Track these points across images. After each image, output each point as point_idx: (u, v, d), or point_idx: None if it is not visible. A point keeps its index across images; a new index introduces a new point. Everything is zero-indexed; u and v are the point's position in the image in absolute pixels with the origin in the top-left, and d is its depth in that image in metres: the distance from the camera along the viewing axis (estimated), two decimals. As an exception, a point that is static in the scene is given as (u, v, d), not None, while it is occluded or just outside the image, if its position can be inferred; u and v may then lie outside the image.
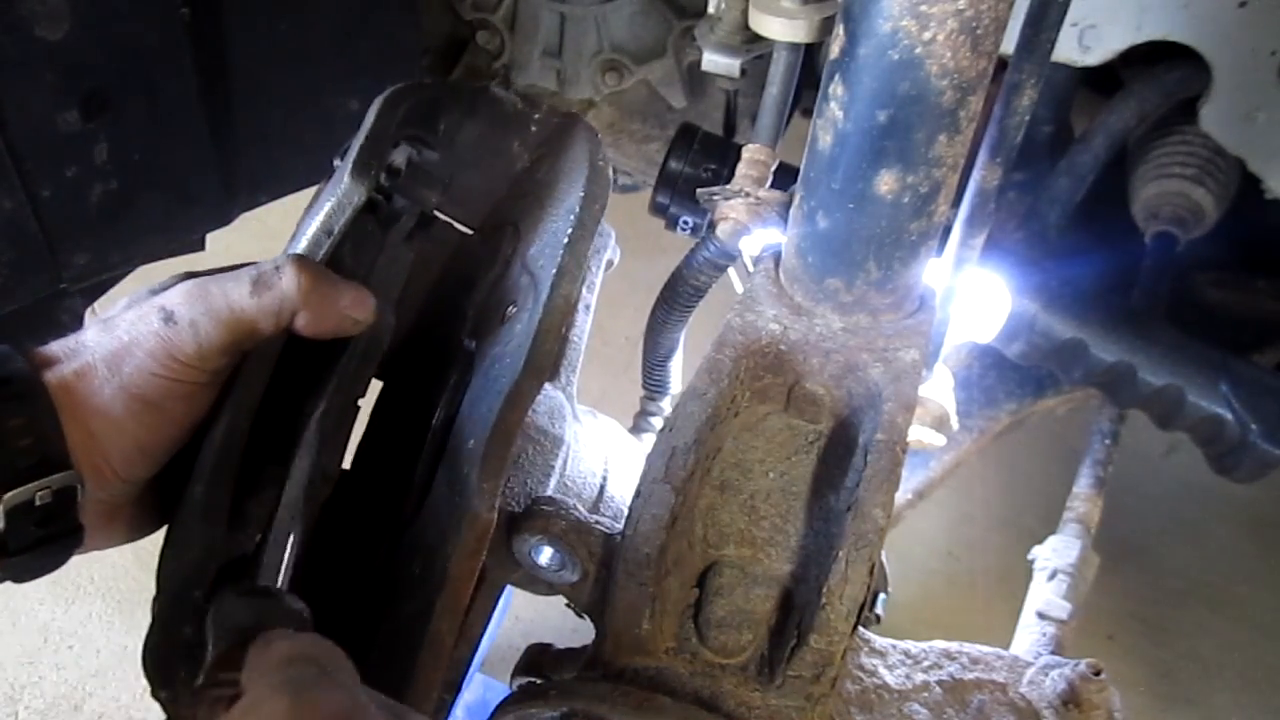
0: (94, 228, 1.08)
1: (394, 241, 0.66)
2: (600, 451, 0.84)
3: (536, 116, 0.71)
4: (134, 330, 0.60)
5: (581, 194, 0.71)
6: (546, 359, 0.68)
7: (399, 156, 0.69)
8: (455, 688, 0.71)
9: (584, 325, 0.83)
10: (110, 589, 1.97)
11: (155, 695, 0.57)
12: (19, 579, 0.58)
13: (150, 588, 0.62)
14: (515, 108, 0.69)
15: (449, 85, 0.69)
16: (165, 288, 0.64)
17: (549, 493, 0.76)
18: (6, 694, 1.81)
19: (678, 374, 1.15)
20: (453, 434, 0.69)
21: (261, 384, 0.62)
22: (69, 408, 0.57)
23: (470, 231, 0.70)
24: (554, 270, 0.69)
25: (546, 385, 0.77)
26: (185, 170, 1.15)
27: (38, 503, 0.56)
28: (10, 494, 0.55)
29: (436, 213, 0.71)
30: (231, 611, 0.57)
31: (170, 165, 1.13)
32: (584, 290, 0.82)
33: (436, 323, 0.73)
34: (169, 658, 0.57)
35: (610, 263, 0.88)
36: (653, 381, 1.15)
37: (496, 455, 0.66)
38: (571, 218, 0.70)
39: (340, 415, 0.67)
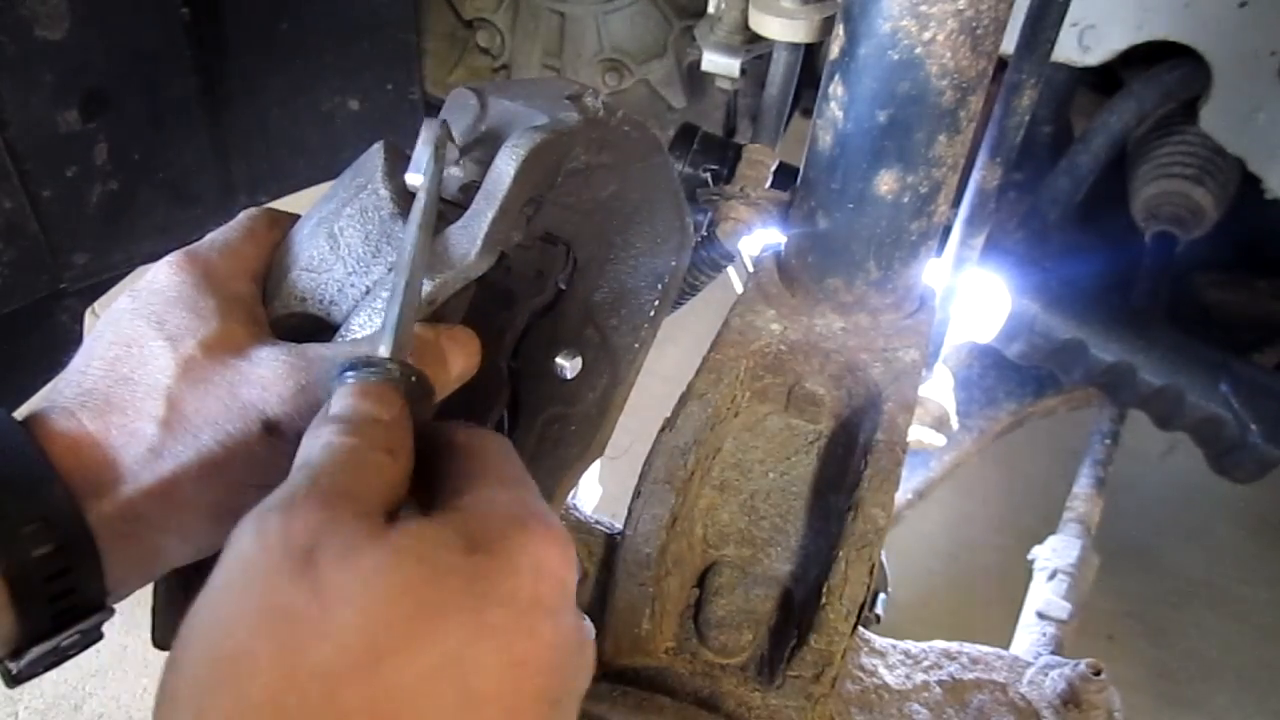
0: (94, 228, 1.08)
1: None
2: None
3: (611, 123, 0.64)
4: (229, 440, 0.49)
5: (674, 262, 0.68)
6: (613, 430, 0.67)
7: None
8: None
9: None
10: (110, 589, 1.97)
11: None
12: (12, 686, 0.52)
13: (151, 589, 0.62)
14: (597, 114, 0.62)
15: (571, 132, 0.59)
16: (198, 318, 0.52)
17: None
18: (6, 694, 1.81)
19: None
20: None
21: None
22: (129, 533, 0.48)
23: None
24: (636, 345, 0.67)
25: None
26: (185, 170, 1.15)
27: (62, 645, 0.47)
28: (34, 649, 0.46)
29: None
30: None
31: (170, 165, 1.13)
32: None
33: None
34: None
35: None
36: None
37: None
38: (660, 288, 0.68)
39: None
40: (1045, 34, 0.78)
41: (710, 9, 1.14)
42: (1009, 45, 0.75)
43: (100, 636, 0.50)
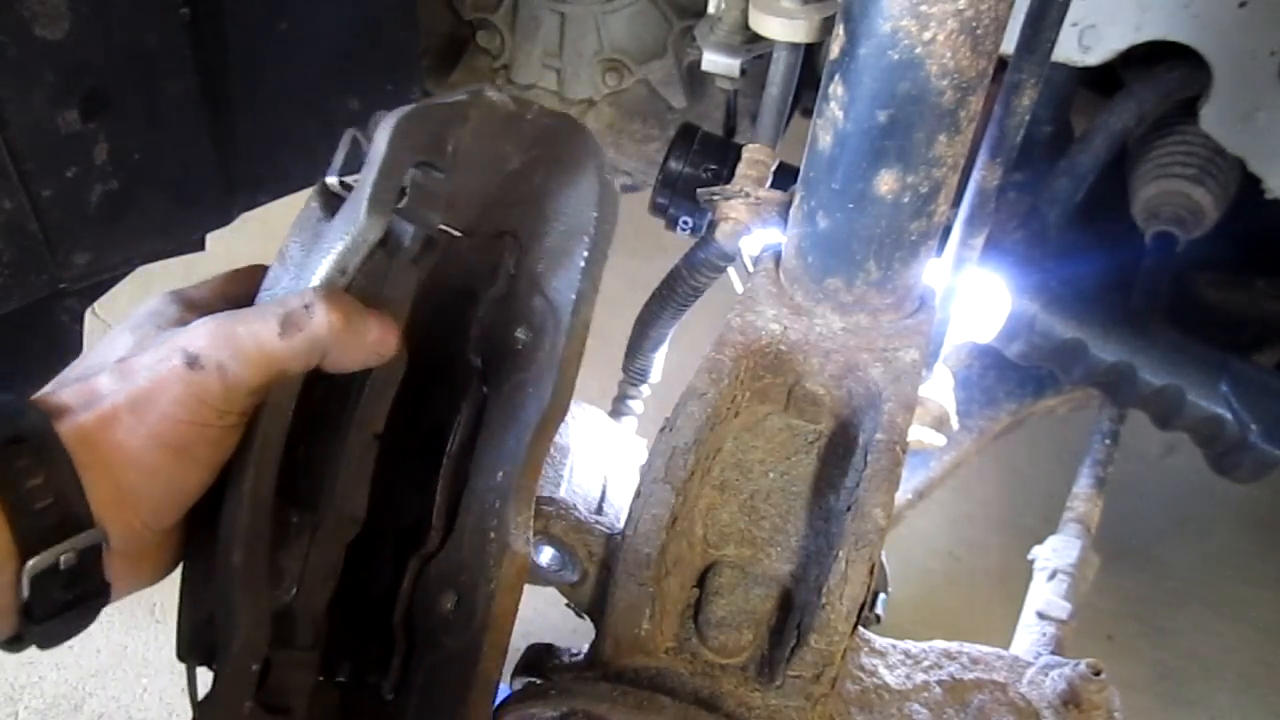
0: (94, 228, 1.08)
1: (400, 266, 0.64)
2: (600, 458, 0.85)
3: (529, 117, 0.68)
4: (156, 375, 0.56)
5: (595, 214, 0.70)
6: (571, 388, 0.68)
7: (404, 178, 0.67)
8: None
9: None
10: (110, 589, 1.97)
11: None
12: (45, 645, 0.56)
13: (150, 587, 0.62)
14: (508, 109, 0.67)
15: (452, 103, 0.65)
16: (163, 317, 0.62)
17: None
18: (6, 694, 1.81)
19: (659, 365, 1.17)
20: (474, 461, 0.69)
21: (283, 431, 0.60)
22: (92, 462, 0.54)
23: (459, 234, 0.69)
24: (573, 296, 0.69)
25: None
26: (185, 170, 1.15)
27: (62, 566, 0.53)
28: (33, 560, 0.52)
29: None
30: None
31: (170, 165, 1.13)
32: None
33: (433, 334, 0.71)
34: None
35: None
36: (635, 369, 1.16)
37: (528, 488, 0.66)
38: (586, 239, 0.70)
39: (362, 454, 0.66)
40: (1045, 34, 0.78)
41: (710, 9, 1.14)
42: (1009, 45, 0.75)
43: (104, 579, 0.57)
